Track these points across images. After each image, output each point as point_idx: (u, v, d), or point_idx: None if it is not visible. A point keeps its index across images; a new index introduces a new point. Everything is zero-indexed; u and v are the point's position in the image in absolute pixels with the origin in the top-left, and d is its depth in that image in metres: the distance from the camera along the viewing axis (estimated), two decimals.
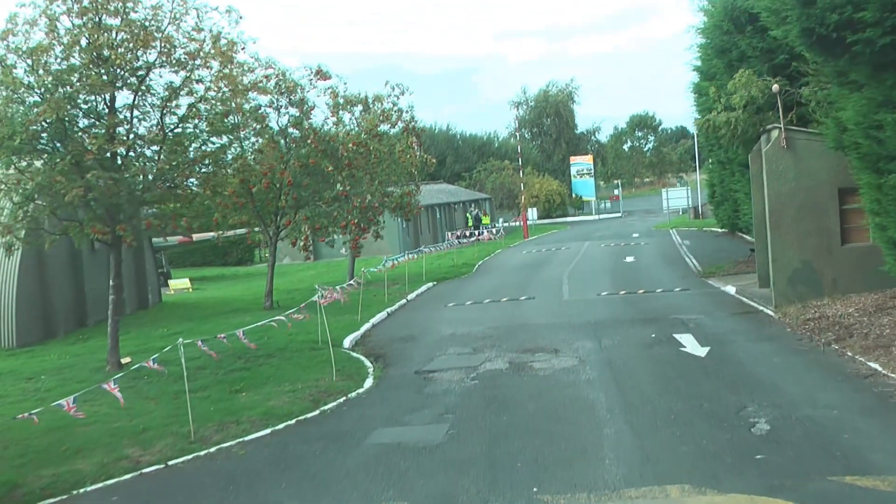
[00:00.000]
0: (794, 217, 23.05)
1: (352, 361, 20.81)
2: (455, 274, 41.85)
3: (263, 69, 31.03)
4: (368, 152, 38.24)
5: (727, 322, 22.06)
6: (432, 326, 25.44)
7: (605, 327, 22.53)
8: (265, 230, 31.70)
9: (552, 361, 18.60)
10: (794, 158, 22.99)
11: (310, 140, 30.48)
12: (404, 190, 40.28)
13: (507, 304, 28.90)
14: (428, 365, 19.55)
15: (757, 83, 24.10)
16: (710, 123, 24.74)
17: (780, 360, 16.99)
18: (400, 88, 40.82)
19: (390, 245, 61.53)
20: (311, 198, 30.25)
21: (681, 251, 44.90)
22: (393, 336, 24.49)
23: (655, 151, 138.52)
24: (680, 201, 73.40)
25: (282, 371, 20.12)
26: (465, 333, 23.52)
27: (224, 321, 29.92)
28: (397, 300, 32.24)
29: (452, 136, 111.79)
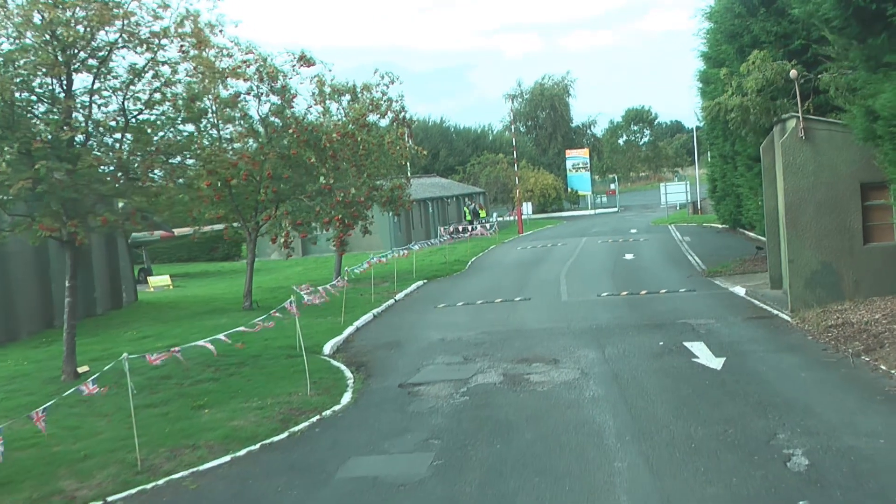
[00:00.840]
0: (813, 214, 21.23)
1: (330, 371, 18.94)
2: (447, 271, 39.99)
3: (243, 54, 29.18)
4: (356, 143, 36.46)
5: (741, 328, 20.23)
6: (420, 331, 23.58)
7: (608, 333, 20.69)
8: (244, 225, 29.79)
9: (551, 374, 16.75)
10: (812, 150, 21.16)
11: (291, 130, 28.55)
12: (394, 183, 38.46)
13: (501, 306, 27.04)
14: (414, 377, 17.69)
15: (773, 66, 22.24)
16: (720, 107, 22.84)
17: (808, 375, 15.14)
18: (389, 77, 39.12)
19: (381, 240, 59.79)
20: (292, 191, 28.33)
21: (682, 248, 43.07)
22: (378, 341, 22.63)
23: (651, 146, 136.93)
24: (678, 196, 71.57)
25: (252, 383, 18.27)
26: (456, 339, 21.68)
27: (199, 323, 28.11)
28: (385, 300, 30.38)
29: (446, 129, 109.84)
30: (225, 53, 28.90)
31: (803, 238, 21.28)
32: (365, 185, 36.83)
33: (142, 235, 50.16)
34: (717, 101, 23.06)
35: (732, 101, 22.48)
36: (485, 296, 29.57)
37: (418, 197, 67.72)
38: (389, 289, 33.68)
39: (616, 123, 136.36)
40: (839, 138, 20.98)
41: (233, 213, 29.83)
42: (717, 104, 22.96)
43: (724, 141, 34.83)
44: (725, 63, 26.58)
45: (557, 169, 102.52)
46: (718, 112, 23.05)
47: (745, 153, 30.14)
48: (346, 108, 38.99)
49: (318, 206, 27.71)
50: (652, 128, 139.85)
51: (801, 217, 21.28)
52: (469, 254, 48.15)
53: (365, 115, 37.88)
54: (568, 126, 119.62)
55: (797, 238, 21.33)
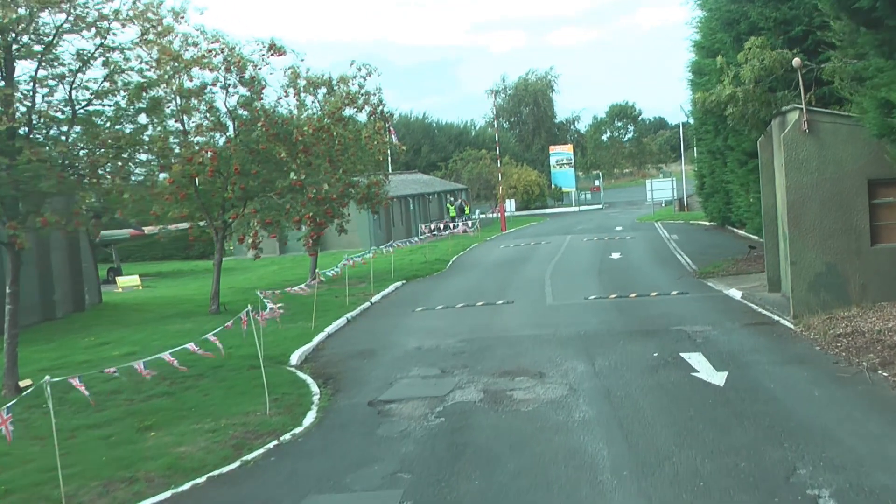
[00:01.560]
0: (817, 213, 19.76)
1: (295, 385, 17.33)
2: (427, 271, 38.39)
3: (209, 43, 27.53)
4: (331, 138, 34.90)
5: (741, 336, 18.71)
6: (396, 338, 22.00)
7: (598, 342, 19.15)
8: (211, 224, 28.11)
9: (537, 390, 15.19)
10: (817, 145, 19.68)
11: (260, 123, 26.88)
12: (371, 180, 36.86)
13: (482, 310, 25.47)
14: (385, 392, 16.10)
15: (771, 54, 20.73)
16: (714, 99, 21.30)
17: (822, 393, 13.61)
18: (367, 69, 37.58)
19: (360, 239, 58.18)
20: (261, 188, 26.64)
21: (670, 247, 41.61)
22: (350, 350, 21.03)
23: (635, 142, 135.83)
24: (665, 193, 70.18)
25: (209, 398, 16.67)
26: (434, 347, 20.10)
27: (162, 328, 26.47)
28: (360, 303, 28.77)
29: (429, 124, 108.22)
30: (190, 42, 27.39)
31: (806, 238, 19.81)
32: (341, 182, 35.29)
33: (111, 234, 48.44)
34: (711, 91, 21.53)
35: (726, 91, 20.94)
36: (466, 298, 28.01)
37: (399, 194, 66.10)
38: (366, 290, 32.10)
39: (600, 119, 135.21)
40: (845, 131, 19.52)
41: (199, 211, 28.14)
42: (712, 95, 21.42)
43: (716, 136, 33.40)
44: (721, 52, 25.08)
45: (541, 165, 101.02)
46: (714, 104, 21.52)
47: (739, 148, 28.69)
48: (322, 101, 37.44)
49: (288, 203, 26.05)
50: (636, 124, 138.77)
51: (805, 216, 19.80)
52: (450, 252, 46.57)
53: (341, 108, 36.32)
54: (552, 122, 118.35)
55: (800, 238, 19.85)
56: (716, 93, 21.26)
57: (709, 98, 21.46)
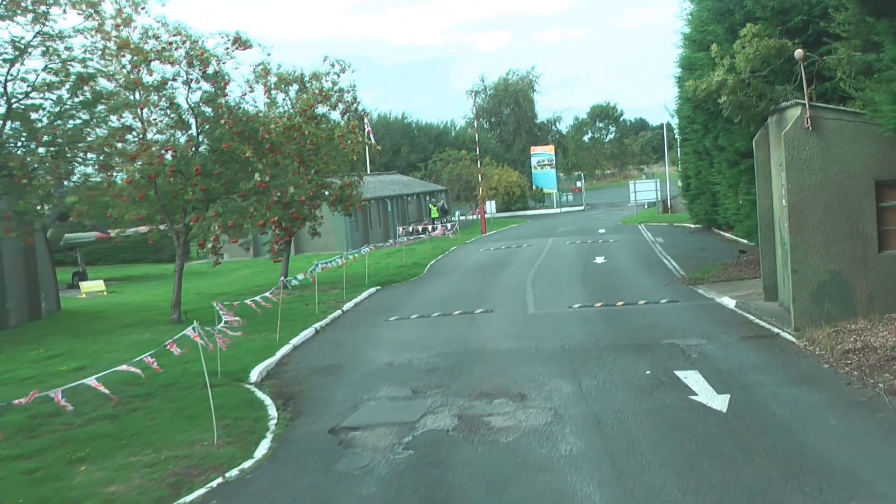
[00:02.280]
0: (821, 217, 18.27)
1: (252, 408, 15.69)
2: (403, 276, 36.80)
3: (171, 35, 25.86)
4: (303, 137, 33.28)
5: (739, 352, 17.19)
6: (366, 351, 20.38)
7: (584, 357, 17.59)
8: (171, 228, 26.42)
9: (517, 416, 13.61)
10: (821, 143, 18.19)
11: (223, 120, 25.18)
12: (345, 181, 35.24)
13: (459, 320, 23.87)
14: (350, 417, 14.49)
15: (769, 42, 19.22)
16: (706, 87, 19.76)
17: (839, 423, 12.08)
18: (341, 65, 36.05)
19: (337, 241, 56.74)
20: (223, 190, 24.94)
21: (655, 250, 40.17)
22: (315, 364, 19.40)
23: (616, 143, 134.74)
24: (648, 194, 68.79)
25: (156, 423, 15.03)
26: (406, 363, 18.50)
27: (118, 339, 24.79)
28: (331, 311, 27.15)
29: (408, 124, 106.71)
30: (150, 35, 25.76)
31: (809, 244, 18.32)
32: (313, 183, 33.66)
33: (76, 236, 46.61)
34: (703, 79, 19.97)
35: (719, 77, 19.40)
36: (442, 306, 26.42)
37: (377, 195, 64.53)
38: (338, 297, 30.50)
39: (581, 120, 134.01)
40: (851, 129, 18.04)
41: (159, 213, 26.44)
42: (704, 83, 19.86)
43: (704, 135, 31.93)
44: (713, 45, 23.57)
45: (522, 166, 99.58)
46: (706, 92, 19.97)
47: (730, 147, 27.21)
48: (294, 98, 35.83)
49: (252, 206, 24.36)
50: (618, 125, 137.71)
51: (807, 220, 18.31)
52: (428, 256, 44.98)
53: (312, 106, 34.71)
54: (532, 122, 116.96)
55: (802, 244, 18.36)
56: (707, 80, 19.71)
57: (700, 86, 19.91)
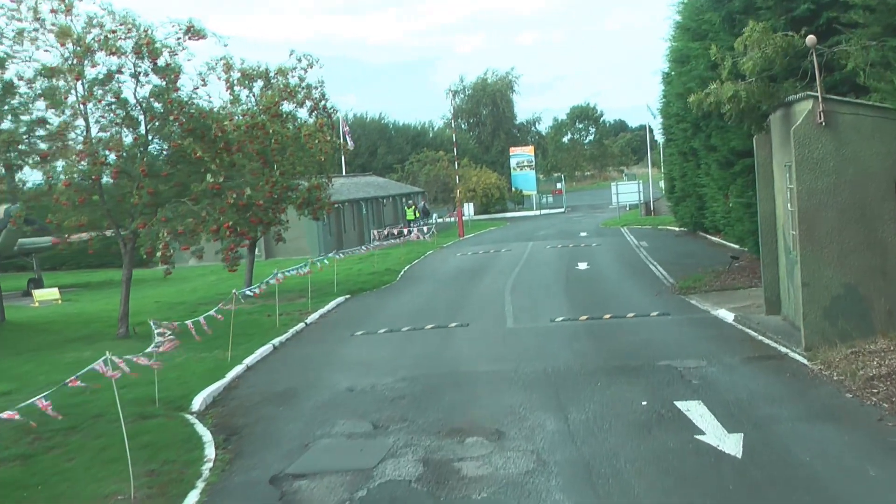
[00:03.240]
0: (835, 223, 16.26)
1: (186, 446, 13.53)
2: (375, 283, 34.64)
3: (117, 24, 23.65)
4: (267, 136, 31.17)
5: (745, 377, 15.16)
6: (326, 373, 18.24)
7: (570, 383, 15.51)
8: (118, 234, 24.18)
9: (494, 461, 11.50)
10: (835, 141, 16.19)
11: (173, 116, 22.96)
12: (313, 182, 33.09)
13: (432, 336, 21.74)
14: (298, 460, 12.34)
15: (774, 39, 17.19)
16: (713, 100, 17.68)
17: (880, 473, 10.03)
18: (308, 60, 33.88)
19: (309, 245, 54.64)
20: (173, 193, 22.71)
21: (640, 255, 38.22)
22: (268, 390, 17.25)
23: (597, 144, 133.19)
24: (631, 196, 66.85)
25: (72, 467, 12.90)
26: (369, 389, 16.36)
27: (56, 357, 22.59)
28: (293, 324, 25.01)
29: (385, 125, 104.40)
30: (95, 23, 23.57)
31: (821, 254, 16.31)
32: (277, 185, 31.54)
33: (31, 241, 44.22)
34: (708, 91, 17.88)
35: (730, 89, 17.33)
36: (414, 319, 24.30)
37: (351, 197, 62.38)
38: (303, 307, 28.35)
39: (561, 121, 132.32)
40: (868, 124, 16.06)
41: (105, 218, 24.20)
42: (710, 95, 17.76)
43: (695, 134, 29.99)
44: (709, 35, 21.61)
45: (501, 167, 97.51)
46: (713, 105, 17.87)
47: (725, 147, 25.24)
48: (258, 95, 33.68)
49: (204, 210, 22.14)
50: (597, 126, 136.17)
51: (819, 227, 16.30)
52: (403, 261, 42.82)
53: (277, 103, 32.57)
54: (511, 123, 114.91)
55: (813, 254, 16.34)
56: (713, 92, 17.61)
57: (706, 100, 17.83)
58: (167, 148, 23.20)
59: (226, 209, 22.07)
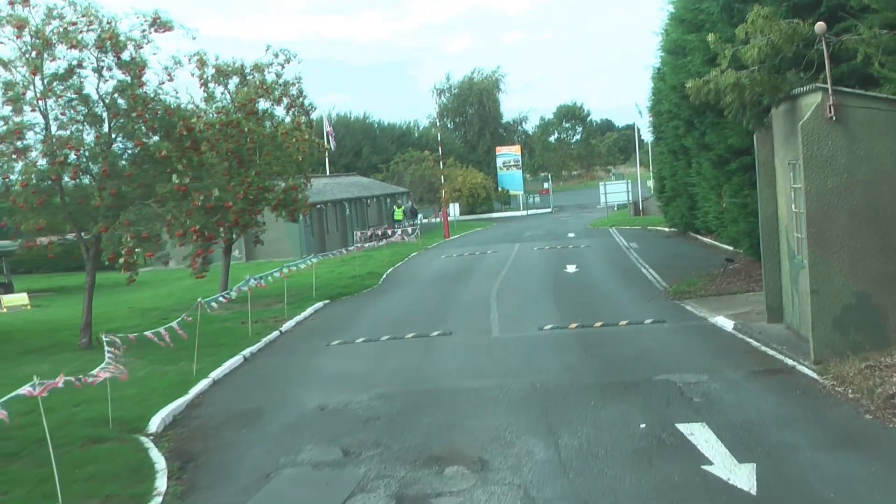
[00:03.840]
0: (846, 226, 15.02)
1: (136, 477, 12.17)
2: (356, 288, 33.31)
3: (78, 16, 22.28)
4: (241, 134, 29.84)
5: (752, 393, 13.88)
6: (296, 389, 16.90)
7: (561, 401, 14.21)
8: (80, 238, 22.80)
9: (475, 497, 10.17)
10: (846, 137, 14.94)
11: (137, 113, 21.56)
12: (290, 183, 31.74)
13: (413, 345, 20.43)
14: (256, 496, 11.00)
15: (780, 26, 15.93)
16: (712, 87, 16.41)
17: None
18: (285, 55, 32.51)
19: (291, 247, 53.28)
20: (137, 194, 21.29)
21: (631, 257, 36.97)
22: (232, 408, 15.92)
23: (583, 143, 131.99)
24: (619, 196, 65.56)
25: (7, 500, 11.50)
26: (341, 408, 15.04)
27: (12, 370, 21.08)
28: (267, 332, 23.69)
29: (370, 124, 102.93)
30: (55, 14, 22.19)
31: (831, 260, 15.05)
32: (253, 185, 30.21)
33: None
34: (707, 79, 16.61)
35: (730, 77, 16.04)
36: (394, 327, 22.98)
37: (334, 198, 61.04)
38: (279, 313, 27.02)
39: (547, 120, 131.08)
40: (882, 119, 14.81)
41: (66, 222, 22.80)
42: (709, 83, 16.49)
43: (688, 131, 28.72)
44: (705, 27, 20.35)
45: (487, 167, 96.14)
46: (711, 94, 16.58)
47: (721, 145, 23.99)
48: (233, 92, 32.29)
49: (170, 213, 20.73)
50: (584, 125, 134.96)
51: (829, 230, 15.05)
52: (386, 263, 41.50)
53: (253, 100, 31.20)
54: (498, 122, 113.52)
55: (823, 260, 15.08)
56: (713, 80, 16.33)
57: (704, 87, 16.54)
58: (131, 147, 21.78)
59: (192, 212, 20.67)
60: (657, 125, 45.17)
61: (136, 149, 21.85)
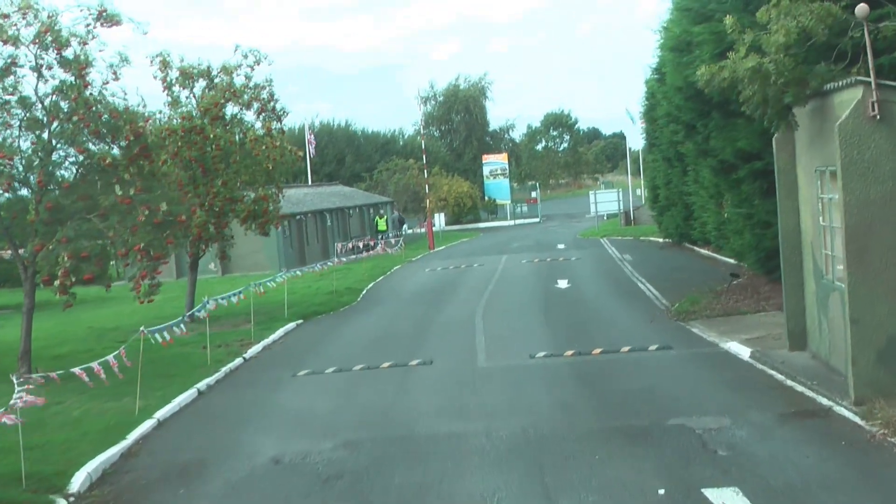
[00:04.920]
0: (893, 244, 12.80)
1: None
2: (332, 305, 30.97)
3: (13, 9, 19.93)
4: (206, 141, 27.56)
5: (788, 444, 11.61)
6: (251, 434, 14.55)
7: (559, 456, 11.88)
8: (16, 257, 20.41)
9: None
10: (892, 140, 12.73)
11: (78, 116, 19.18)
12: (259, 193, 29.41)
13: (387, 378, 18.09)
14: None
15: (812, 8, 13.69)
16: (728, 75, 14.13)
17: None
18: (255, 56, 30.15)
19: (268, 260, 50.95)
20: (77, 208, 18.90)
21: (625, 270, 34.79)
22: (173, 459, 13.56)
23: (571, 151, 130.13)
24: (610, 205, 63.40)
25: None
26: (299, 461, 12.69)
27: None
28: (229, 359, 21.36)
29: (353, 132, 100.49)
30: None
31: (875, 283, 12.81)
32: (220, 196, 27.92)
33: None
34: (722, 64, 14.37)
35: (751, 61, 13.80)
36: (370, 354, 20.67)
37: (315, 208, 58.68)
38: (246, 335, 24.70)
39: (534, 128, 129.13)
40: None
41: (3, 238, 20.42)
42: (724, 69, 14.24)
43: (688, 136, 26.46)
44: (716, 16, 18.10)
45: (473, 176, 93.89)
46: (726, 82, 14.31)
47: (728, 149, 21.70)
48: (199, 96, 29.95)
49: (112, 229, 18.34)
50: (571, 133, 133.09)
51: (872, 248, 12.81)
52: (367, 277, 39.19)
53: (218, 104, 28.88)
54: (484, 130, 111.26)
55: (865, 283, 12.83)
56: (729, 66, 14.09)
57: (719, 75, 14.30)
58: (72, 154, 19.43)
59: (138, 227, 18.28)
60: (651, 131, 42.96)
61: (78, 157, 19.44)
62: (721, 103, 18.83)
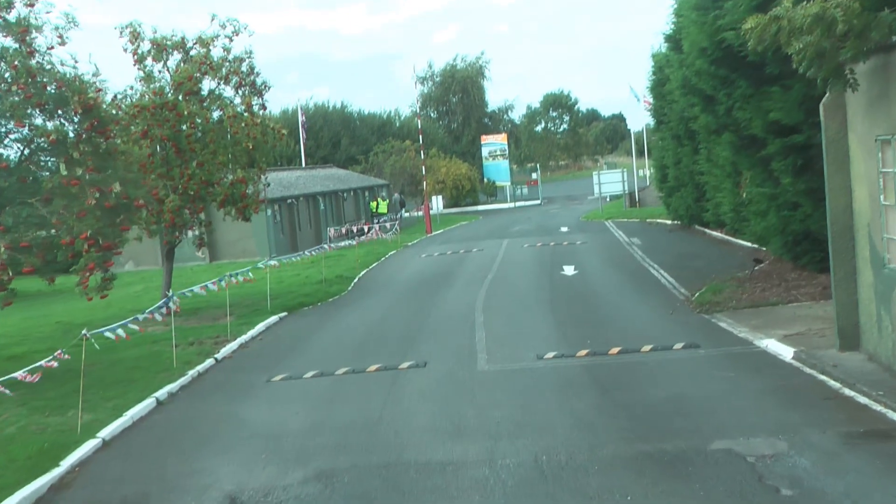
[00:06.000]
0: None
1: None
2: (320, 296, 28.62)
3: None
4: (178, 118, 25.22)
5: (863, 477, 9.29)
6: (208, 457, 12.19)
7: (581, 493, 9.53)
8: None
9: None
10: None
11: (18, 86, 16.75)
12: (237, 176, 27.02)
13: (374, 385, 15.71)
14: None
15: None
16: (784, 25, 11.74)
17: None
18: (234, 26, 27.80)
19: (258, 246, 48.69)
20: (16, 190, 16.48)
21: (635, 256, 32.39)
22: (110, 495, 11.22)
23: (571, 133, 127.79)
24: (614, 186, 60.86)
25: None
26: (260, 499, 10.35)
27: None
28: (200, 360, 19.04)
29: (349, 114, 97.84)
30: None
31: None
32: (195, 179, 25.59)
33: None
34: (773, 13, 11.94)
35: (810, 8, 11.40)
36: (356, 354, 18.34)
37: (307, 192, 56.24)
38: (223, 330, 22.39)
39: (534, 109, 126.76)
40: None
41: None
42: (775, 20, 11.82)
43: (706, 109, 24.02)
44: None
45: (472, 158, 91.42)
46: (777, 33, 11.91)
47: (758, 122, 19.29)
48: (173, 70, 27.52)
49: (55, 215, 15.92)
50: (571, 113, 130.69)
51: None
52: (359, 264, 36.77)
53: (192, 77, 26.48)
54: (483, 111, 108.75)
55: None
56: (785, 13, 11.67)
57: (771, 27, 11.87)
58: (13, 129, 17.02)
59: (86, 212, 15.85)
60: (659, 108, 40.52)
61: (20, 132, 17.04)
62: (755, 65, 16.40)
